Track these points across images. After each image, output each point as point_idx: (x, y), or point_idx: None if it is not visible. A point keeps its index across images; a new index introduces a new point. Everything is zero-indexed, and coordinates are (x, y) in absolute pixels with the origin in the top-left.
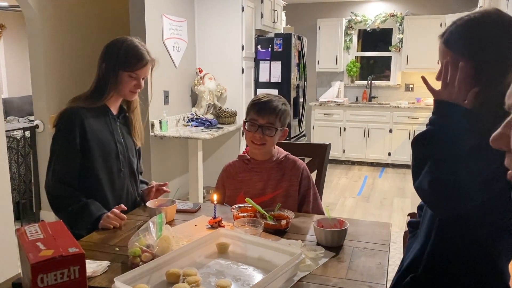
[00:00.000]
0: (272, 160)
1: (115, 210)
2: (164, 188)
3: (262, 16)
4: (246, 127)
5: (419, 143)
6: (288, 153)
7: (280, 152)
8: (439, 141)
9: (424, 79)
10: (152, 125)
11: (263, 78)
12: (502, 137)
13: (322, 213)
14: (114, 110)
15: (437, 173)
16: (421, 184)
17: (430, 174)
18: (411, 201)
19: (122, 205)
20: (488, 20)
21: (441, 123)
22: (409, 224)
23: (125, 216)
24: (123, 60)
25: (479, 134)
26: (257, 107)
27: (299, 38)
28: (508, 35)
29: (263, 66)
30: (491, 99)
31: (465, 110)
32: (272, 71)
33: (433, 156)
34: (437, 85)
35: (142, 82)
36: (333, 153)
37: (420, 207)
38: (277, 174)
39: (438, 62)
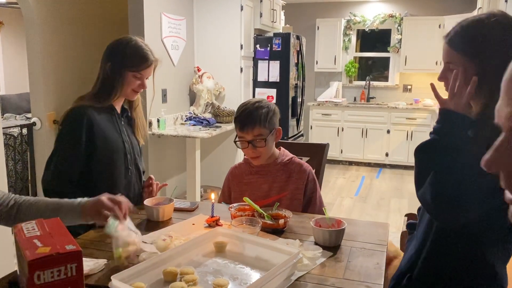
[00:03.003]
0: (276, 163)
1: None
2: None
3: (261, 16)
4: (237, 144)
5: (422, 151)
6: (293, 155)
7: (285, 155)
8: (442, 150)
9: (432, 86)
10: (150, 124)
11: (261, 77)
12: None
13: None
14: (118, 109)
15: (440, 187)
16: (424, 195)
17: (434, 187)
18: (408, 201)
19: None
20: (493, 21)
21: (445, 132)
22: (408, 225)
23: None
24: (128, 60)
25: (479, 145)
26: (240, 124)
27: (298, 37)
28: None
29: (262, 65)
30: (493, 107)
31: (470, 121)
32: (270, 70)
33: (436, 167)
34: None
35: (146, 82)
36: (331, 153)
37: (419, 209)
38: (283, 177)
39: (440, 63)
